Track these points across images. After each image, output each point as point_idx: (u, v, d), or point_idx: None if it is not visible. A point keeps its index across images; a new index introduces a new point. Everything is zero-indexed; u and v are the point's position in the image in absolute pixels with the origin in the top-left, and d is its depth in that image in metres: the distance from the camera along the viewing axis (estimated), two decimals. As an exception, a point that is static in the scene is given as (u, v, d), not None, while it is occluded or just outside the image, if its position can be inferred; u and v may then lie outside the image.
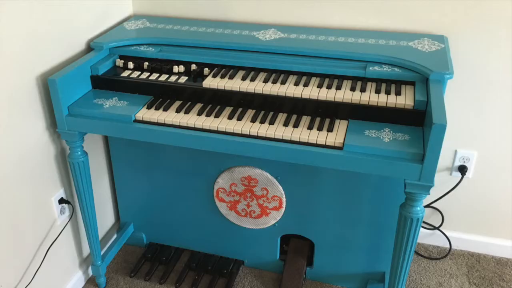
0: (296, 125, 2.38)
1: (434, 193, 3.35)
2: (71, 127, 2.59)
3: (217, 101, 2.59)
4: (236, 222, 3.20)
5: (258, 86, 2.53)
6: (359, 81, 2.56)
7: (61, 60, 2.73)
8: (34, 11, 2.48)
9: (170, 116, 2.48)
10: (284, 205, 3.03)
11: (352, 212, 2.95)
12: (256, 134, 2.36)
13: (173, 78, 2.66)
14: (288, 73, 2.66)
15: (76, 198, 3.03)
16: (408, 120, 2.34)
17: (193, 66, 2.73)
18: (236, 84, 2.56)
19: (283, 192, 2.98)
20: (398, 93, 2.41)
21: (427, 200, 3.33)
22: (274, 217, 3.10)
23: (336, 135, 2.30)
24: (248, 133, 2.38)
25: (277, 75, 2.63)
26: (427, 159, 2.09)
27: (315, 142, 2.29)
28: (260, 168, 2.92)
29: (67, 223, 3.01)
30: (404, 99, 2.36)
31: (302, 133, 2.32)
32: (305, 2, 3.04)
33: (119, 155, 3.25)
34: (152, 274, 3.33)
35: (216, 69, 2.71)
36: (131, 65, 2.77)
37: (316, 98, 2.45)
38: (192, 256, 3.44)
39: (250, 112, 2.51)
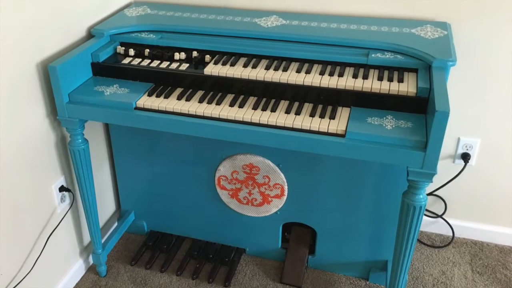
0: (298, 113, 2.37)
1: (437, 181, 3.34)
2: (72, 115, 2.58)
3: (218, 88, 2.58)
4: (237, 210, 3.19)
5: (259, 73, 2.51)
6: (362, 68, 2.54)
7: (62, 47, 2.72)
8: (34, -2, 2.47)
9: (171, 104, 2.47)
10: (286, 193, 3.02)
11: (355, 200, 2.94)
12: (257, 122, 2.35)
13: (174, 65, 2.65)
14: (290, 60, 2.64)
15: (76, 186, 3.02)
16: (410, 107, 2.32)
17: (195, 53, 2.71)
18: (238, 71, 2.54)
19: (285, 180, 2.97)
20: (400, 80, 2.40)
21: (430, 188, 3.32)
22: (276, 205, 3.09)
23: (338, 123, 2.29)
24: (249, 121, 2.36)
25: (279, 62, 2.61)
26: (430, 147, 2.08)
27: (317, 130, 2.28)
28: (262, 155, 2.91)
29: (67, 211, 3.00)
30: (407, 86, 2.35)
31: (304, 121, 2.31)
32: (307, -12, 3.03)
33: (120, 143, 3.24)
34: (153, 262, 3.33)
35: (217, 56, 2.69)
36: (132, 52, 2.76)
37: (318, 85, 2.44)
38: (193, 244, 3.44)
39: (252, 100, 2.50)
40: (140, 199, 3.46)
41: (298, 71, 2.53)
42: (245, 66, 2.59)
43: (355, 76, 2.46)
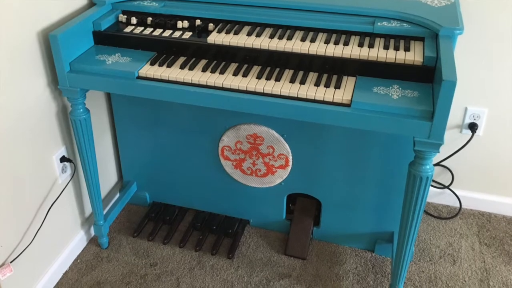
0: (302, 82, 2.34)
1: (443, 151, 3.32)
2: (73, 84, 2.55)
3: (222, 57, 2.55)
4: (241, 180, 3.17)
5: (264, 42, 2.48)
6: (367, 37, 2.51)
7: (63, 15, 2.69)
8: (34, -36, 2.43)
9: (174, 73, 2.44)
10: (290, 163, 3.00)
11: (360, 171, 2.92)
12: (262, 91, 2.32)
13: (177, 34, 2.62)
14: (295, 28, 2.61)
15: (78, 157, 3.01)
16: (417, 76, 2.29)
17: (198, 22, 2.68)
18: (242, 39, 2.51)
19: (289, 150, 2.95)
20: (407, 49, 2.37)
21: (436, 158, 3.30)
22: (280, 176, 3.07)
23: (344, 92, 2.26)
24: (253, 90, 2.34)
25: (283, 30, 2.58)
26: (437, 117, 2.05)
27: (322, 99, 2.25)
28: (266, 125, 2.89)
29: (68, 182, 2.99)
30: (413, 55, 2.32)
31: (309, 90, 2.28)
32: (312, -45, 2.99)
33: (122, 113, 3.22)
34: (155, 234, 3.32)
35: (221, 24, 2.66)
36: (134, 20, 2.72)
37: (323, 54, 2.40)
38: (197, 215, 3.43)
39: (256, 69, 2.47)
40: (143, 170, 3.44)
41: (303, 39, 2.49)
42: (249, 34, 2.56)
43: (360, 44, 2.43)
